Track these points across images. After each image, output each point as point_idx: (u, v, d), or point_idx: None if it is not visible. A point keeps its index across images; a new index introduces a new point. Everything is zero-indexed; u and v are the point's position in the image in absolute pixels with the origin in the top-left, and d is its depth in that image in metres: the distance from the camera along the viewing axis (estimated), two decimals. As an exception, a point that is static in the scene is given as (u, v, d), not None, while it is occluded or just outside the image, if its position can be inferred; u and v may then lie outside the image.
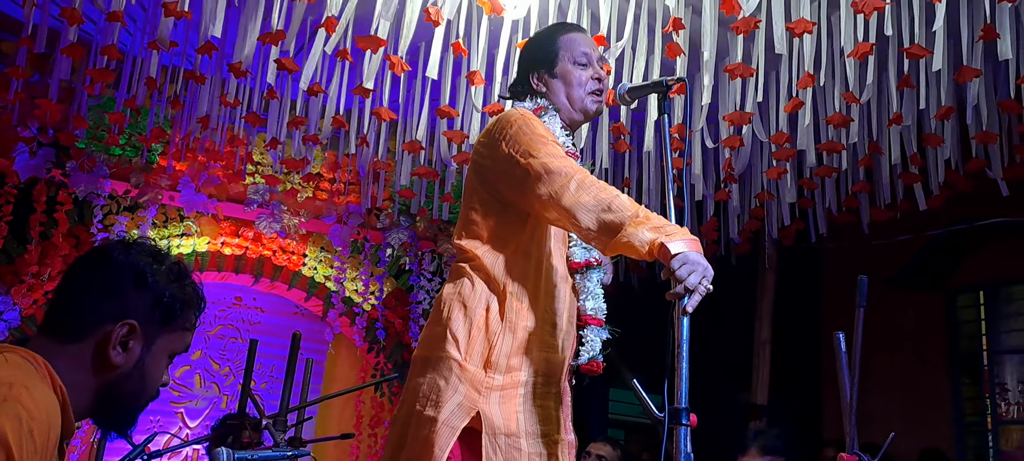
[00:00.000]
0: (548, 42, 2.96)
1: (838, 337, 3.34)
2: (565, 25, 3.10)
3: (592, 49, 2.93)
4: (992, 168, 6.11)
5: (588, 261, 2.75)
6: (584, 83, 2.88)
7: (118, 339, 1.87)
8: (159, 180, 7.63)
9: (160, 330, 1.94)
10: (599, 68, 2.91)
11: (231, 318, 8.67)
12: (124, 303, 1.89)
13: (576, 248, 2.76)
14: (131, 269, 1.92)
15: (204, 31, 5.14)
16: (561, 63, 2.89)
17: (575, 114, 2.90)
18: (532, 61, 2.96)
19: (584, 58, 2.89)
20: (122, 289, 1.90)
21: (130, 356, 1.89)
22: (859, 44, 4.85)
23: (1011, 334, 8.23)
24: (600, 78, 2.91)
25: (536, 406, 2.61)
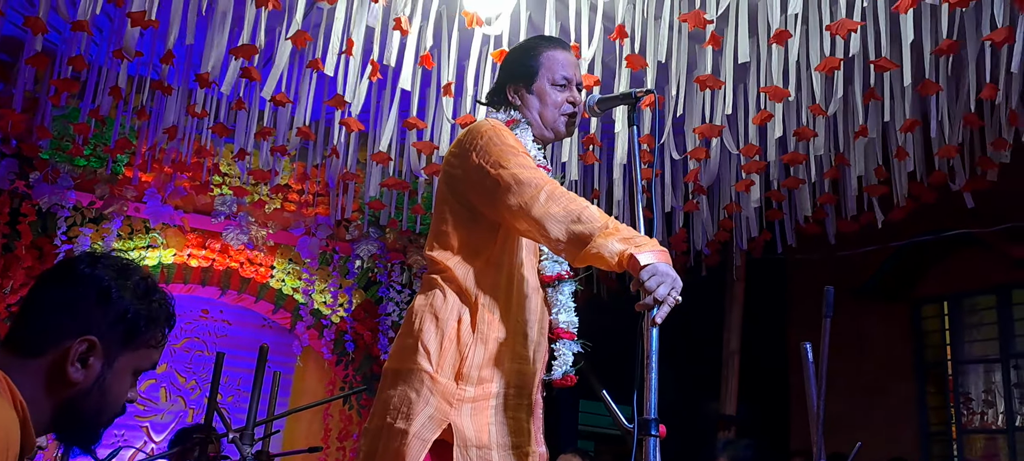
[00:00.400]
0: (530, 56, 2.93)
1: (805, 347, 3.36)
2: (551, 40, 3.07)
3: (573, 71, 2.90)
4: (955, 181, 6.19)
5: (560, 274, 2.74)
6: (559, 104, 2.86)
7: (77, 355, 1.81)
8: (124, 191, 7.55)
9: (122, 347, 1.88)
10: (576, 92, 2.89)
11: (197, 331, 8.59)
12: (86, 319, 1.84)
13: (548, 261, 2.75)
14: (95, 284, 1.86)
15: (171, 41, 5.10)
16: (539, 81, 2.87)
17: (546, 132, 2.88)
18: (512, 73, 2.94)
19: (563, 80, 2.86)
20: (84, 304, 1.85)
21: (89, 373, 1.83)
22: (827, 58, 4.90)
23: (974, 344, 8.32)
24: (575, 102, 2.88)
25: (508, 418, 2.60)
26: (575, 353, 2.75)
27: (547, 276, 2.74)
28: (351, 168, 6.81)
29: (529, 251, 2.75)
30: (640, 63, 4.97)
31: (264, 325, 8.74)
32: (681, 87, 5.42)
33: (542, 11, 5.32)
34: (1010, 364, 7.86)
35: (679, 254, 8.04)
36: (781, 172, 6.61)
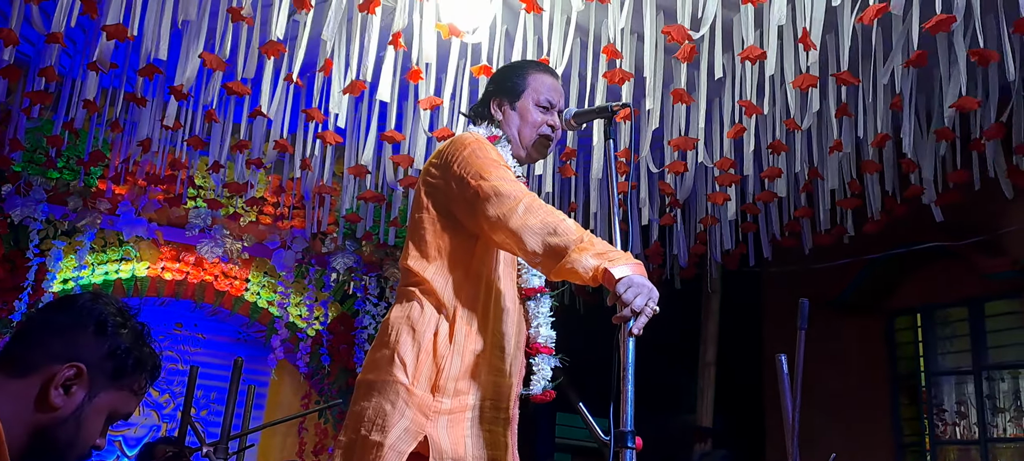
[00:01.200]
0: (518, 74, 2.98)
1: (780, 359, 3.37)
2: (540, 65, 3.12)
3: (558, 98, 2.94)
4: (927, 194, 6.25)
5: (541, 287, 2.76)
6: (538, 124, 2.89)
7: (62, 380, 1.81)
8: (98, 204, 7.50)
9: (107, 383, 1.88)
10: (557, 118, 2.93)
11: (171, 344, 8.53)
12: (78, 347, 1.85)
13: (528, 274, 2.76)
14: (94, 315, 1.88)
15: (145, 53, 5.07)
16: (524, 99, 2.91)
17: (521, 150, 2.91)
18: (498, 88, 2.98)
19: (547, 102, 2.90)
20: (80, 332, 1.86)
21: (70, 401, 1.82)
22: (803, 75, 4.93)
23: (947, 356, 8.38)
24: (554, 127, 2.92)
25: (484, 431, 2.60)
26: (553, 368, 2.75)
27: (528, 289, 2.75)
28: (327, 181, 6.79)
29: (507, 264, 2.75)
30: (623, 77, 4.99)
31: (239, 338, 8.70)
32: (657, 101, 5.44)
33: (516, 23, 5.33)
34: (982, 376, 7.92)
35: (655, 267, 8.06)
36: (756, 186, 6.66)
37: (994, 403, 7.87)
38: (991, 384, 7.91)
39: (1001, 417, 7.81)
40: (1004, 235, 7.38)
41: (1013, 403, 7.76)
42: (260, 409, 8.47)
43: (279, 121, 5.93)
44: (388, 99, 5.27)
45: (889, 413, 8.52)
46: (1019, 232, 7.29)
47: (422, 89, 5.45)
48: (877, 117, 5.63)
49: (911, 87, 5.50)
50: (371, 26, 5.00)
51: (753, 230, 7.47)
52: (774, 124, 5.88)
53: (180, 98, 5.41)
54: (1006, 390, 7.84)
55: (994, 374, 7.92)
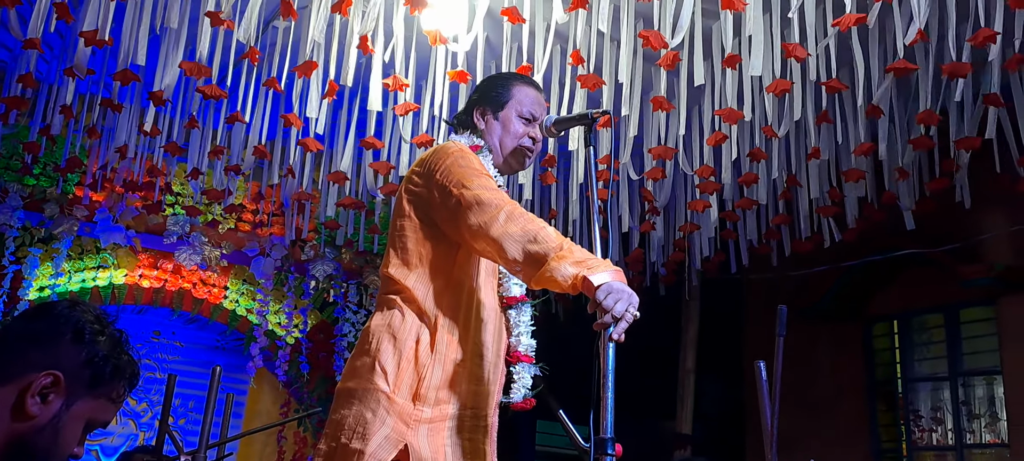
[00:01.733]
0: (503, 85, 3.00)
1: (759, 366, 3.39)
2: (524, 78, 3.13)
3: (540, 112, 2.96)
4: (904, 202, 6.29)
5: (523, 296, 2.77)
6: (519, 136, 2.91)
7: (39, 388, 1.80)
8: (75, 211, 7.45)
9: (85, 391, 1.86)
10: (538, 131, 2.94)
11: (149, 352, 8.48)
12: (55, 354, 1.84)
13: (509, 283, 2.77)
14: (71, 324, 1.87)
15: (123, 59, 5.05)
16: (507, 110, 2.92)
17: (500, 160, 2.92)
18: (482, 97, 3.00)
19: (529, 115, 2.92)
20: (57, 340, 1.85)
21: (47, 409, 1.81)
22: (778, 80, 4.96)
23: (923, 362, 8.44)
24: (535, 139, 2.94)
25: (464, 440, 2.60)
26: (533, 376, 2.76)
27: (509, 298, 2.76)
28: (307, 188, 6.77)
29: (489, 273, 2.76)
30: (596, 83, 5.00)
31: (217, 346, 8.66)
32: (635, 108, 5.46)
33: (499, 32, 5.34)
34: (958, 382, 7.98)
35: (635, 274, 8.08)
36: (735, 193, 6.69)
37: (970, 409, 7.93)
38: (967, 390, 7.98)
39: (976, 423, 7.88)
40: (979, 242, 7.44)
41: (988, 409, 7.82)
42: (239, 418, 8.43)
43: (258, 127, 5.91)
44: (380, 108, 5.27)
45: (866, 419, 8.57)
46: (994, 239, 7.36)
47: (402, 97, 5.45)
48: (858, 125, 5.67)
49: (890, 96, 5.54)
50: (351, 31, 4.99)
51: (733, 237, 7.50)
52: (753, 132, 5.91)
53: (159, 104, 5.38)
54: (981, 396, 7.91)
55: (969, 380, 7.98)
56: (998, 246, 7.38)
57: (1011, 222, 7.23)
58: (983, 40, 4.51)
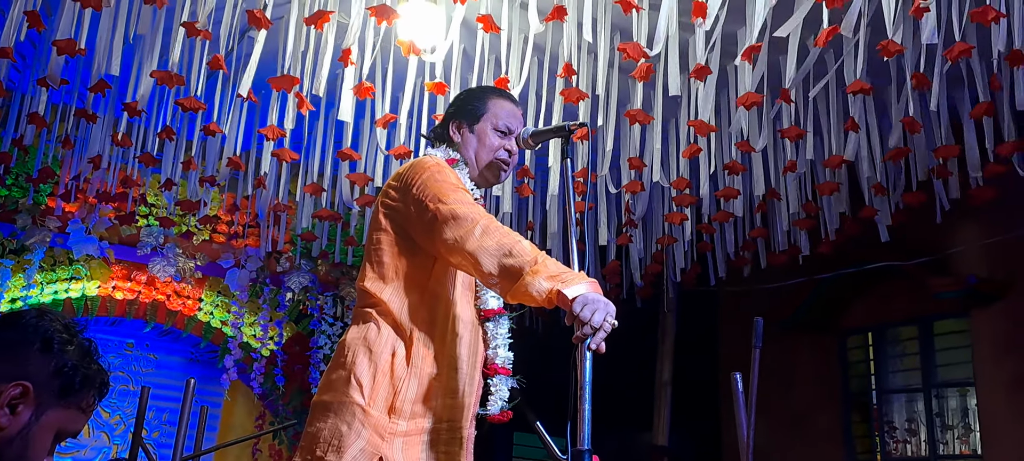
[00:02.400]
0: (479, 99, 3.00)
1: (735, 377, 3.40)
2: (501, 91, 3.14)
3: (516, 125, 2.96)
4: (881, 215, 6.34)
5: (500, 309, 2.76)
6: (495, 149, 2.91)
7: (8, 399, 1.77)
8: (47, 222, 7.38)
9: (55, 401, 1.85)
10: (514, 144, 2.95)
11: (122, 365, 8.41)
12: (24, 365, 1.82)
13: (486, 295, 2.76)
14: (40, 333, 1.85)
15: (97, 69, 5.01)
16: (482, 123, 2.92)
17: (476, 173, 2.92)
18: (458, 110, 3.00)
19: (505, 128, 2.92)
20: (25, 350, 1.83)
21: (16, 420, 1.79)
22: (747, 93, 4.99)
23: (897, 374, 8.49)
24: (511, 151, 2.94)
25: (439, 453, 2.59)
26: (511, 389, 2.75)
27: (486, 311, 2.75)
28: (282, 199, 6.74)
29: (465, 286, 2.76)
30: (578, 97, 5.01)
31: (191, 359, 8.60)
32: (612, 121, 5.47)
33: (474, 43, 5.34)
34: (932, 394, 8.04)
35: (612, 286, 8.10)
36: (712, 206, 6.71)
37: (943, 420, 7.98)
38: (940, 402, 8.03)
39: (950, 434, 7.93)
40: (953, 255, 7.51)
41: (961, 420, 7.88)
42: (213, 430, 8.36)
43: (233, 138, 5.88)
44: (349, 119, 5.25)
45: (841, 430, 8.62)
46: (967, 252, 7.42)
47: (379, 108, 5.44)
48: (832, 138, 5.70)
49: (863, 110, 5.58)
50: (326, 43, 4.97)
51: (709, 250, 7.53)
52: (730, 145, 5.93)
53: (133, 115, 5.34)
54: (954, 408, 7.96)
55: (943, 392, 8.04)
56: (971, 259, 7.45)
57: (983, 235, 7.30)
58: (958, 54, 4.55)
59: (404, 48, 4.86)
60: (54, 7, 5.31)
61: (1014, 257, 7.19)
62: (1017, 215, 6.94)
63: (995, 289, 7.32)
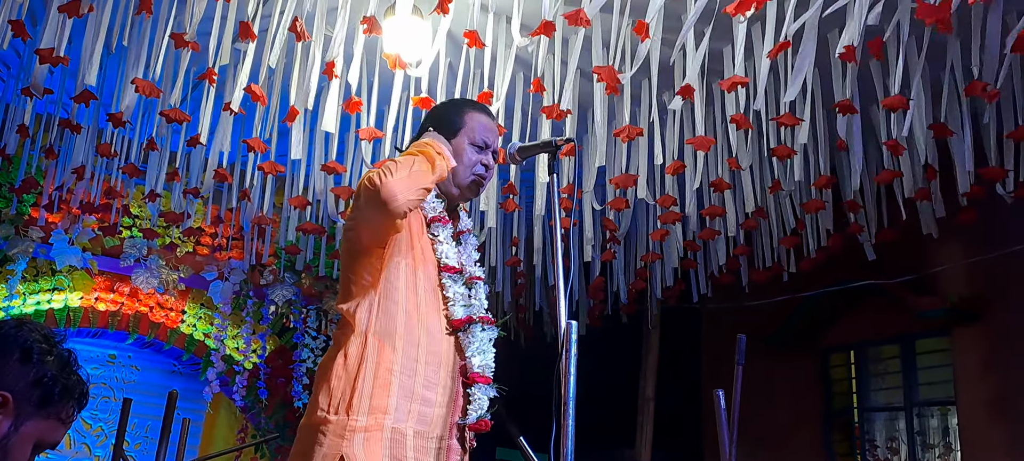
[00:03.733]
0: (456, 113, 2.99)
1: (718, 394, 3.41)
2: (476, 104, 3.14)
3: (493, 139, 2.97)
4: (865, 234, 6.37)
5: (469, 318, 2.76)
6: (472, 164, 2.91)
7: None
8: (30, 232, 7.35)
9: (34, 412, 1.85)
10: (491, 158, 2.96)
11: (104, 376, 8.37)
12: (3, 375, 1.82)
13: (455, 306, 2.77)
14: (19, 344, 1.85)
15: (81, 79, 4.99)
16: (459, 137, 2.92)
17: (453, 189, 2.93)
18: (434, 125, 2.98)
19: (482, 142, 2.92)
20: (4, 361, 1.83)
21: None
22: (735, 115, 5.02)
23: (879, 392, 8.51)
24: (488, 166, 2.95)
25: (406, 458, 2.59)
26: (491, 398, 2.76)
27: (456, 321, 2.76)
28: (267, 212, 6.73)
29: (430, 296, 2.76)
30: (560, 114, 5.02)
31: (174, 371, 8.57)
32: (604, 138, 5.49)
33: (460, 56, 5.36)
34: (913, 412, 8.06)
35: (597, 302, 8.11)
36: (697, 223, 6.73)
37: (924, 439, 8.00)
38: (921, 420, 8.06)
39: (930, 453, 7.95)
40: (935, 274, 7.54)
41: (942, 439, 7.90)
42: (195, 443, 8.33)
43: (218, 150, 5.87)
44: (332, 129, 5.25)
45: (822, 448, 8.63)
46: (949, 271, 7.46)
47: (364, 121, 5.44)
48: (820, 157, 5.74)
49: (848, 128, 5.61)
50: (313, 56, 4.98)
51: (693, 267, 7.55)
52: (717, 162, 5.95)
53: (118, 125, 5.33)
54: (935, 426, 7.98)
55: (924, 410, 8.06)
56: (953, 278, 7.48)
57: (965, 254, 7.34)
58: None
59: (390, 62, 4.87)
60: (39, 16, 5.29)
61: (995, 276, 7.23)
62: (999, 235, 6.98)
63: (977, 308, 7.36)
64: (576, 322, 2.40)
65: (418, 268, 2.75)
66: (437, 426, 2.66)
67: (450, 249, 2.81)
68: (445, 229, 2.83)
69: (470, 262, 2.93)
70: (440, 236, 2.81)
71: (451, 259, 2.79)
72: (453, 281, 2.77)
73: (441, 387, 2.69)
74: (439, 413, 2.67)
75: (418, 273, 2.74)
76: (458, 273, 2.79)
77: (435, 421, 2.66)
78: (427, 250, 2.79)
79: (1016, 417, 7.01)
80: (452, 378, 2.73)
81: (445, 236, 2.82)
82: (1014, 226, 6.75)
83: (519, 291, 8.46)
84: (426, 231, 2.82)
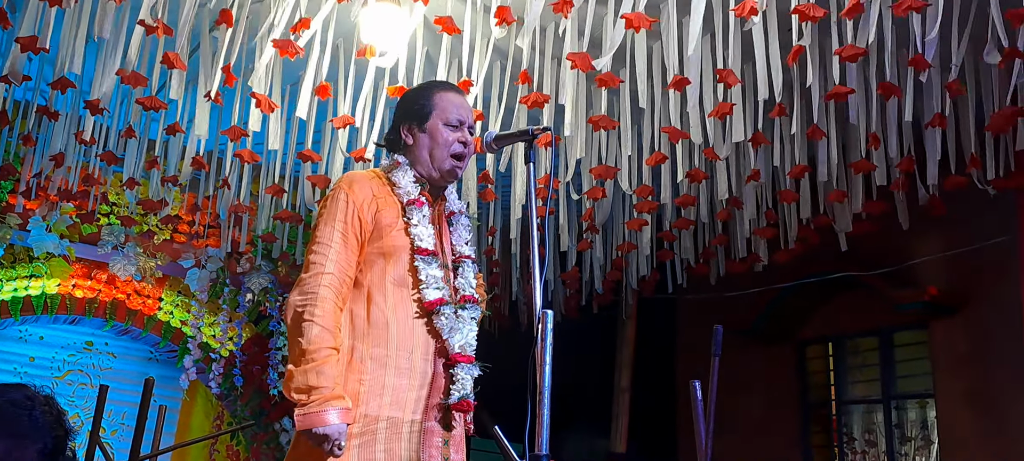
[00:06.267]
0: (424, 97, 2.99)
1: (694, 385, 3.43)
2: (444, 84, 3.14)
3: (466, 115, 2.97)
4: (840, 224, 6.39)
5: (441, 299, 2.77)
6: (449, 143, 2.91)
7: None
8: (8, 219, 7.30)
9: None
10: (467, 134, 2.96)
11: (81, 363, 8.33)
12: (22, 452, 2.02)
13: (426, 289, 2.77)
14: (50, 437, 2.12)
15: (60, 66, 4.96)
16: (432, 120, 2.93)
17: (434, 172, 2.93)
18: (405, 113, 3.00)
19: (456, 122, 2.93)
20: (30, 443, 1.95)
21: None
22: (720, 104, 5.03)
23: (857, 385, 8.55)
24: (466, 142, 2.94)
25: (378, 451, 2.61)
26: (474, 377, 2.77)
27: (428, 302, 2.76)
28: (244, 200, 6.70)
29: (397, 281, 2.77)
30: (536, 102, 5.02)
31: (150, 358, 8.54)
32: (582, 127, 5.49)
33: (438, 45, 5.34)
34: (891, 405, 8.09)
35: (572, 292, 8.11)
36: (673, 213, 6.74)
37: (902, 432, 8.04)
38: (899, 413, 8.09)
39: (909, 446, 7.99)
40: (913, 266, 7.57)
41: (920, 432, 7.94)
42: (171, 430, 8.30)
43: (196, 138, 5.85)
44: (304, 116, 5.24)
45: (800, 440, 8.66)
46: (928, 263, 7.49)
47: (340, 109, 5.42)
48: (795, 147, 5.75)
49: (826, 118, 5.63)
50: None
51: (669, 257, 7.56)
52: (693, 152, 5.96)
53: (96, 113, 5.30)
54: (913, 419, 8.02)
55: (902, 403, 8.10)
56: (931, 271, 7.51)
57: (944, 247, 7.37)
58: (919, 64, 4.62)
59: (361, 50, 4.86)
60: (18, 4, 5.26)
61: (973, 269, 7.27)
62: (976, 227, 7.02)
63: (954, 301, 7.40)
64: (551, 311, 2.41)
65: (390, 256, 2.76)
66: (412, 410, 2.67)
67: (425, 231, 2.81)
68: (419, 211, 2.83)
69: (460, 242, 2.97)
70: (413, 219, 2.81)
71: (425, 241, 2.79)
72: (426, 263, 2.77)
73: (414, 371, 2.70)
74: (412, 397, 2.68)
75: (389, 262, 2.76)
76: (432, 255, 2.79)
77: (410, 405, 2.68)
78: (400, 236, 2.79)
79: (994, 410, 7.05)
80: (427, 361, 2.74)
81: (419, 218, 2.82)
82: (991, 219, 6.79)
83: (494, 280, 8.47)
84: (402, 216, 2.82)
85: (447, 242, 2.94)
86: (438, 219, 2.94)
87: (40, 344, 8.17)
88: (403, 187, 2.86)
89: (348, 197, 2.77)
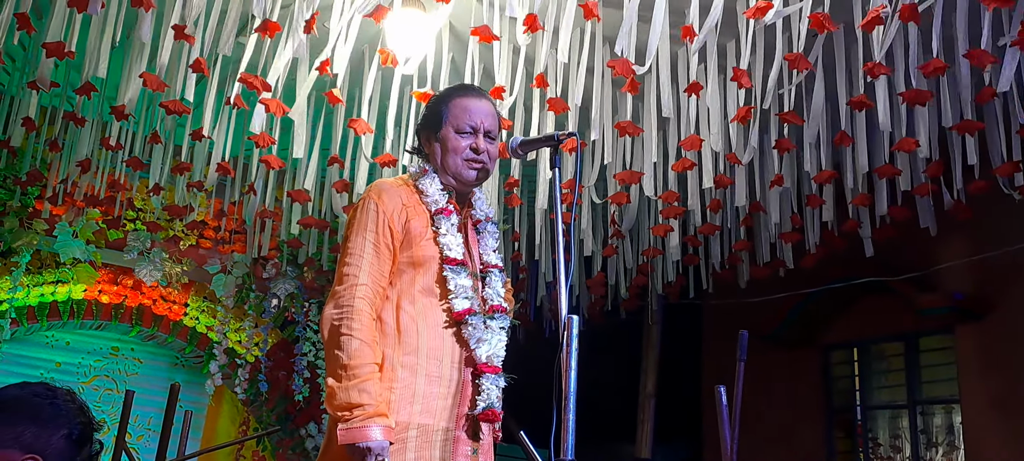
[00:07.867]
0: (438, 104, 2.99)
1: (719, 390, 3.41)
2: (462, 89, 3.09)
3: (482, 119, 2.92)
4: (863, 229, 6.35)
5: (470, 309, 2.76)
6: (461, 150, 2.89)
7: None
8: (35, 224, 7.36)
9: None
10: (482, 140, 2.92)
11: (107, 368, 8.38)
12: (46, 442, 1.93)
13: (455, 299, 2.77)
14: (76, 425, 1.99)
15: (86, 72, 5.00)
16: (445, 128, 2.92)
17: (449, 179, 2.92)
18: (424, 121, 3.02)
19: (468, 127, 2.90)
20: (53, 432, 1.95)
21: None
22: (741, 109, 5.01)
23: (882, 390, 8.50)
24: (478, 150, 2.91)
25: (409, 458, 2.61)
26: (501, 387, 2.76)
27: (457, 313, 2.76)
28: (269, 205, 6.73)
29: (426, 291, 2.77)
30: (562, 107, 5.02)
31: (176, 363, 8.58)
32: (604, 133, 5.48)
33: (464, 53, 5.35)
34: (916, 410, 8.05)
35: (598, 297, 8.10)
36: (698, 218, 6.73)
37: (928, 437, 8.00)
38: (925, 418, 8.04)
39: (934, 451, 7.94)
40: (938, 271, 7.52)
41: (946, 437, 7.89)
42: (197, 436, 8.34)
43: (221, 143, 5.87)
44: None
45: (825, 445, 8.63)
46: (953, 268, 7.44)
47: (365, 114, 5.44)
48: (821, 153, 5.72)
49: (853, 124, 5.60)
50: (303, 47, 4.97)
51: (695, 262, 7.54)
52: (718, 158, 5.94)
53: (121, 118, 5.33)
54: (939, 425, 7.98)
55: (928, 408, 8.05)
56: (956, 275, 7.46)
57: (969, 252, 7.32)
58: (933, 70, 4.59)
59: (384, 57, 4.86)
60: (45, 10, 5.30)
61: (999, 274, 7.22)
62: (1002, 232, 6.97)
63: (980, 306, 7.35)
64: (577, 316, 2.40)
65: (420, 266, 2.77)
66: (442, 418, 2.68)
67: (453, 240, 2.80)
68: (447, 221, 2.82)
69: (488, 251, 2.95)
70: (441, 229, 2.81)
71: (453, 251, 2.78)
72: (455, 273, 2.77)
73: (444, 380, 2.70)
74: (443, 405, 2.69)
75: (419, 271, 2.76)
76: (461, 265, 2.79)
77: (440, 413, 2.68)
78: (430, 245, 2.79)
79: (1021, 415, 7.00)
80: (457, 370, 2.74)
81: (447, 228, 2.81)
82: (1017, 223, 6.74)
83: (519, 286, 8.47)
84: (431, 225, 2.82)
85: (475, 250, 2.93)
86: (465, 227, 2.94)
87: (66, 350, 8.23)
88: (431, 196, 2.86)
89: (378, 207, 2.77)
